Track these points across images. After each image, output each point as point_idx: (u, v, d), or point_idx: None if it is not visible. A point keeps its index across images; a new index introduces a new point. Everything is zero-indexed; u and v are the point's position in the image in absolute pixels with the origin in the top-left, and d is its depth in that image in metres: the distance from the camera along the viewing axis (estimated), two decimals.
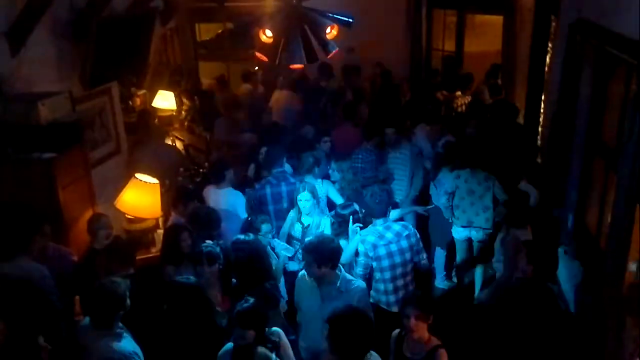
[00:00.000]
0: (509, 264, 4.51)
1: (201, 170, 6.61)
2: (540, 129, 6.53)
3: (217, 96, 8.61)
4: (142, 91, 7.62)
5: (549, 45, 6.22)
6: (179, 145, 7.19)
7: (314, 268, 3.57)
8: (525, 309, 3.83)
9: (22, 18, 4.23)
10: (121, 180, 5.16)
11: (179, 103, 8.14)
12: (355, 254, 4.12)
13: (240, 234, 4.17)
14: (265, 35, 4.45)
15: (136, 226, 5.13)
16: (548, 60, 6.26)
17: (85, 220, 4.49)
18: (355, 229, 4.19)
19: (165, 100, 7.87)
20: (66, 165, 4.33)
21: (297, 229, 4.72)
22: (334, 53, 4.93)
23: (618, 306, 3.66)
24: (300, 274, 3.88)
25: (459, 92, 7.81)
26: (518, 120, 6.63)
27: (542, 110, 6.47)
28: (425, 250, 4.37)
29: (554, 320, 3.85)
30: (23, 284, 3.39)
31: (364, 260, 4.06)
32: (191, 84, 9.28)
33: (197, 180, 6.32)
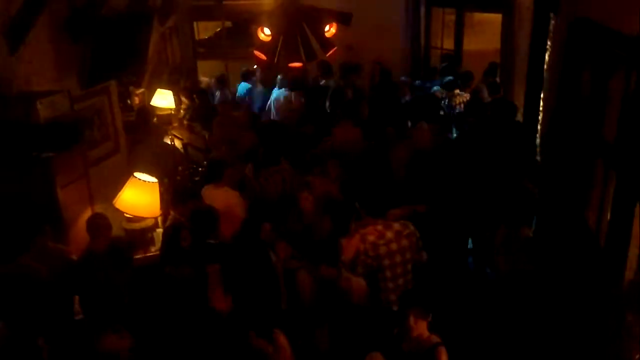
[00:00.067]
0: (510, 260, 4.50)
1: (200, 169, 6.60)
2: (539, 127, 6.52)
3: (216, 95, 8.60)
4: (141, 90, 7.61)
5: (548, 43, 6.21)
6: (177, 144, 7.17)
7: (314, 266, 3.57)
8: (526, 305, 3.84)
9: (20, 17, 4.21)
10: (120, 179, 5.14)
11: (177, 102, 8.13)
12: (356, 253, 4.11)
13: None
14: (264, 34, 4.45)
15: (135, 225, 5.12)
16: (547, 58, 6.25)
17: (84, 220, 4.48)
18: (355, 228, 4.18)
19: (163, 99, 7.87)
20: (65, 165, 4.32)
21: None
22: (333, 51, 4.94)
23: (618, 303, 3.66)
24: (300, 270, 3.88)
25: (457, 91, 7.80)
26: (517, 119, 6.62)
27: (541, 108, 6.47)
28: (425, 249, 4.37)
29: (552, 316, 3.85)
30: (23, 283, 3.39)
31: (364, 260, 4.04)
32: (190, 83, 9.27)
33: (196, 179, 6.30)
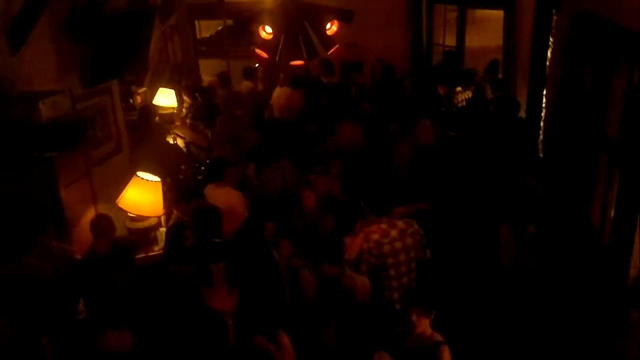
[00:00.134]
0: (511, 257, 4.48)
1: (203, 168, 6.59)
2: (542, 123, 6.50)
3: (218, 93, 8.59)
4: (143, 89, 7.62)
5: (550, 39, 6.18)
6: (180, 143, 7.18)
7: (315, 264, 3.57)
8: (529, 300, 3.83)
9: (22, 17, 4.21)
10: (123, 178, 5.14)
11: (179, 100, 8.13)
12: (360, 251, 4.09)
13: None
14: (265, 32, 4.44)
15: (138, 224, 5.12)
16: (549, 54, 6.23)
17: (87, 219, 4.50)
18: (360, 227, 4.15)
19: (166, 97, 7.87)
20: (67, 165, 4.32)
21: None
22: (335, 49, 4.92)
23: (622, 300, 3.65)
24: (302, 268, 3.88)
25: (459, 88, 7.78)
26: (520, 115, 6.61)
27: (544, 104, 6.45)
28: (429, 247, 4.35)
29: (556, 313, 3.84)
30: (27, 283, 3.39)
31: (368, 258, 4.02)
32: (192, 82, 9.26)
33: (199, 178, 6.30)
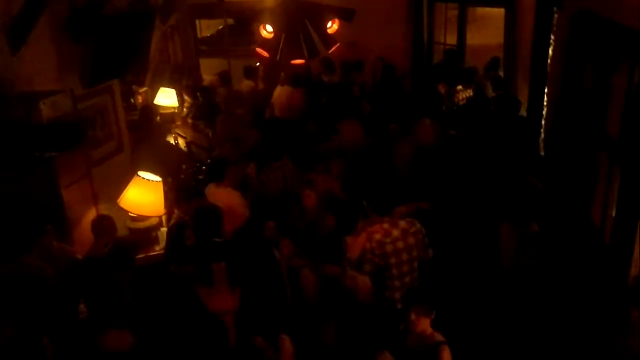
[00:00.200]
0: (512, 256, 4.48)
1: (204, 167, 6.60)
2: (543, 122, 6.49)
3: (219, 92, 8.59)
4: (144, 89, 7.62)
5: (551, 37, 6.17)
6: (181, 142, 7.18)
7: (316, 264, 3.56)
8: (530, 300, 3.82)
9: (22, 17, 4.21)
10: (124, 178, 5.15)
11: (180, 100, 8.14)
12: (363, 251, 4.08)
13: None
14: (266, 31, 4.44)
15: (139, 224, 5.12)
16: (550, 52, 6.22)
17: (88, 219, 4.51)
18: (362, 226, 4.13)
19: (167, 97, 7.87)
20: (68, 165, 4.32)
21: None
22: (335, 47, 4.92)
23: (622, 299, 3.65)
24: (303, 268, 3.87)
25: (460, 87, 7.77)
26: (521, 114, 6.60)
27: (545, 103, 6.44)
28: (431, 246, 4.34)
29: (557, 311, 3.84)
30: (28, 283, 3.39)
31: (371, 258, 4.01)
32: (193, 81, 9.25)
33: (200, 177, 6.30)
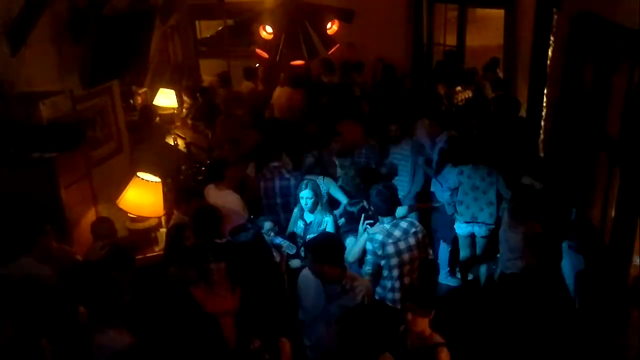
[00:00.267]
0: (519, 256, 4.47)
1: (203, 168, 6.59)
2: (542, 122, 6.50)
3: (219, 93, 8.59)
4: (143, 89, 7.62)
5: (551, 38, 6.18)
6: (180, 143, 7.18)
7: (316, 266, 3.55)
8: (530, 300, 3.82)
9: (22, 17, 4.21)
10: (123, 179, 5.14)
11: (180, 101, 8.14)
12: (364, 252, 4.07)
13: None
14: (266, 32, 4.44)
15: (139, 225, 5.12)
16: (550, 53, 6.22)
17: (87, 220, 4.51)
18: (364, 227, 4.10)
19: (166, 98, 7.88)
20: (68, 165, 4.32)
21: (299, 227, 4.71)
22: (335, 48, 4.92)
23: (622, 299, 3.65)
24: (303, 271, 3.86)
25: (459, 87, 7.77)
26: (520, 114, 6.60)
27: (545, 104, 6.44)
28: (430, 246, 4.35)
29: (557, 312, 3.84)
30: (27, 284, 3.39)
31: (373, 259, 4.00)
32: (192, 82, 9.26)
33: (199, 178, 6.30)
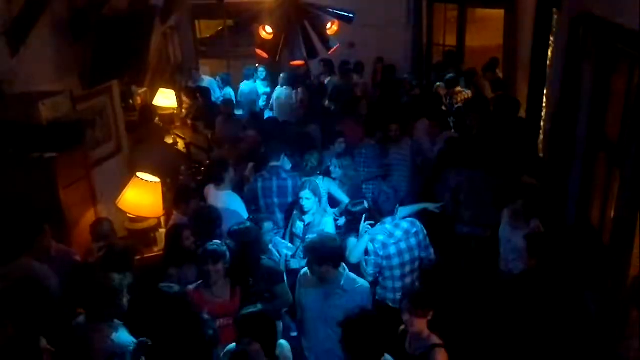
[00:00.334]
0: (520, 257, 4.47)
1: (203, 168, 6.59)
2: (542, 123, 6.50)
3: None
4: (143, 89, 7.61)
5: (551, 39, 6.18)
6: (180, 143, 7.18)
7: (315, 267, 3.55)
8: (528, 301, 3.82)
9: (22, 17, 4.21)
10: (122, 179, 5.14)
11: (179, 101, 8.13)
12: (365, 252, 4.06)
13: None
14: (266, 32, 4.43)
15: (138, 225, 5.11)
16: (550, 54, 6.23)
17: (86, 220, 4.50)
18: (365, 228, 4.07)
19: (166, 98, 7.88)
20: (67, 165, 4.31)
21: (299, 227, 4.71)
22: (335, 49, 4.91)
23: (622, 300, 3.65)
24: (302, 271, 3.86)
25: (458, 88, 7.77)
26: (520, 115, 6.60)
27: (544, 104, 6.45)
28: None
29: (557, 313, 3.83)
30: (27, 284, 3.38)
31: (375, 260, 4.00)
32: (192, 82, 9.24)
33: (199, 178, 6.30)
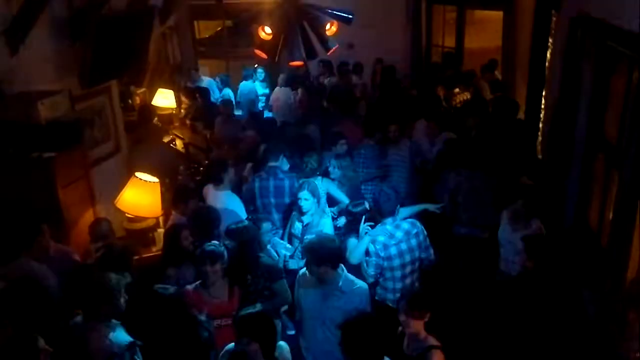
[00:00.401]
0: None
1: (201, 168, 6.60)
2: (541, 125, 6.51)
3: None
4: (142, 90, 7.61)
5: (550, 40, 6.19)
6: (179, 143, 7.18)
7: (313, 267, 3.55)
8: (526, 303, 3.82)
9: (21, 17, 4.21)
10: (121, 179, 5.14)
11: (178, 101, 8.14)
12: (366, 253, 4.05)
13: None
14: (265, 32, 4.44)
15: (136, 225, 5.11)
16: (549, 55, 6.23)
17: (85, 220, 4.50)
18: (365, 229, 4.06)
19: (165, 98, 7.88)
20: (66, 165, 4.31)
21: (297, 227, 4.71)
22: (334, 50, 4.91)
23: (620, 303, 3.65)
24: (301, 271, 3.86)
25: (457, 89, 7.78)
26: (519, 116, 6.61)
27: (543, 106, 6.45)
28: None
29: (555, 315, 3.83)
30: (26, 284, 3.38)
31: (376, 261, 3.99)
32: (191, 82, 9.24)
33: (198, 178, 6.30)
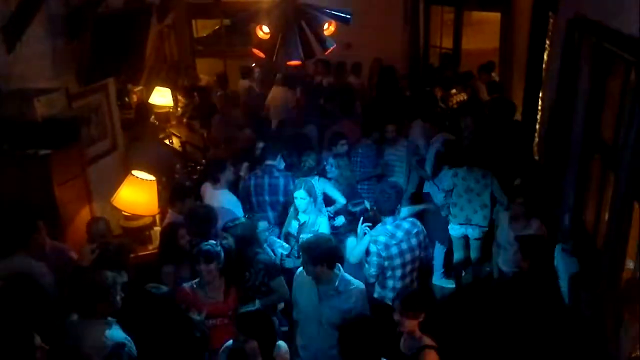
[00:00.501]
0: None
1: (198, 167, 6.59)
2: (537, 126, 6.52)
3: (215, 93, 8.58)
4: (139, 88, 7.61)
5: (547, 42, 6.21)
6: (175, 142, 7.17)
7: (309, 266, 3.55)
8: (522, 303, 3.83)
9: (18, 14, 4.20)
10: (118, 177, 5.13)
11: (175, 100, 8.13)
12: (366, 253, 4.03)
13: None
14: (262, 32, 4.43)
15: (133, 223, 5.11)
16: (546, 57, 6.25)
17: (82, 217, 4.49)
18: (363, 229, 4.02)
19: (162, 96, 7.87)
20: (62, 162, 4.31)
21: (293, 226, 4.72)
22: (332, 49, 4.91)
23: (615, 303, 3.66)
24: (298, 270, 3.86)
25: (454, 90, 7.79)
26: (516, 118, 6.63)
27: (540, 107, 6.47)
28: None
29: (551, 315, 3.85)
30: (22, 281, 3.37)
31: (377, 261, 3.97)
32: (189, 80, 9.24)
33: (194, 177, 6.30)
